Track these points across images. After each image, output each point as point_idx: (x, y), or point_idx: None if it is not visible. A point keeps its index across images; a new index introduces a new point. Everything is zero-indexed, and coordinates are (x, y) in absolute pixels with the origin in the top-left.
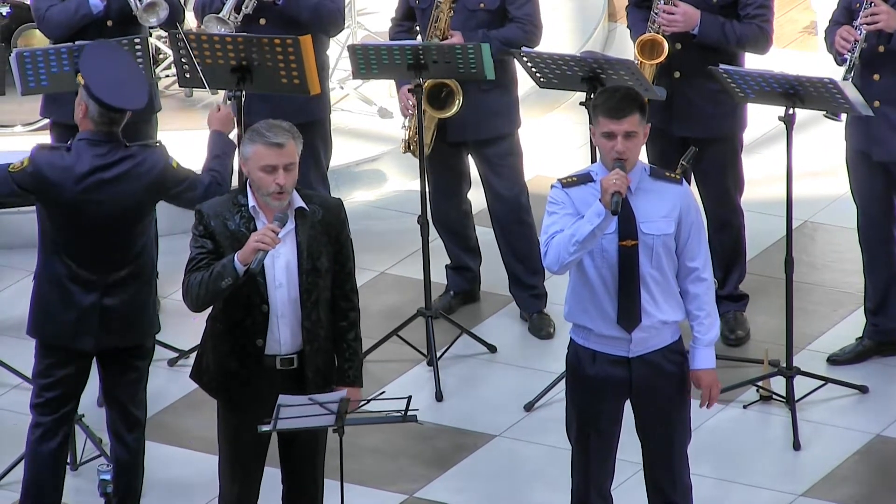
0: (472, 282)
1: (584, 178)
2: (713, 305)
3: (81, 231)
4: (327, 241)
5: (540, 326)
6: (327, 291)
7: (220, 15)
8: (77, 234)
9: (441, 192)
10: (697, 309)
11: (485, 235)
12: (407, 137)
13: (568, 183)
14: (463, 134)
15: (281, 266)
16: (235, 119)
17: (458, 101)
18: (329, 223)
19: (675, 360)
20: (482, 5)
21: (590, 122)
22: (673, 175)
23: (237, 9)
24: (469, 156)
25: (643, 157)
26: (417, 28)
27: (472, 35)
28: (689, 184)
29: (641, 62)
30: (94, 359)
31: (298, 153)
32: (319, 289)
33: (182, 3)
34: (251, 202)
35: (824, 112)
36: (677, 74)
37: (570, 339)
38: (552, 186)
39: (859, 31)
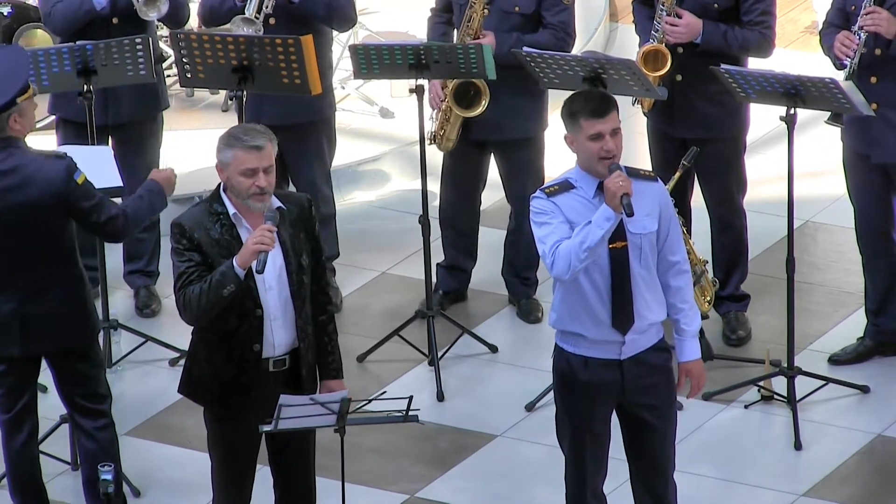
0: (463, 283)
1: (564, 186)
2: (693, 297)
3: None
4: (304, 237)
5: (528, 311)
6: (309, 288)
7: (248, 15)
8: None
9: (457, 192)
10: (681, 301)
11: (489, 235)
12: (434, 129)
13: (552, 192)
14: (487, 133)
15: (269, 268)
16: (239, 120)
17: (484, 101)
18: (304, 219)
19: (664, 357)
20: (517, 9)
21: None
22: (648, 173)
23: (258, 9)
24: (490, 155)
25: (645, 158)
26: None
27: (506, 37)
28: (692, 184)
29: (645, 73)
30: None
31: (275, 155)
32: (305, 286)
33: (187, 3)
34: (231, 209)
35: (826, 119)
36: (679, 77)
37: (558, 347)
38: (534, 197)
39: (858, 37)
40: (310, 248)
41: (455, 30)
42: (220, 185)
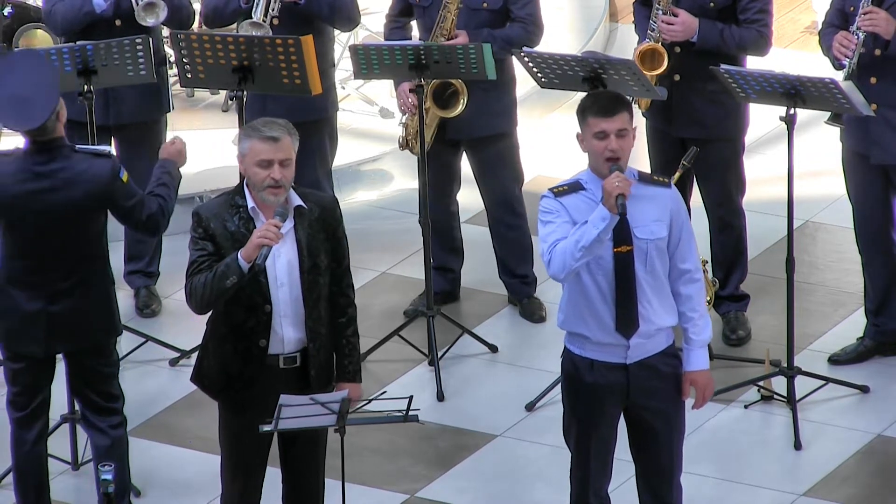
0: (452, 283)
1: (574, 187)
2: (704, 306)
3: (25, 237)
4: (324, 238)
5: (531, 311)
6: (326, 288)
7: (255, 19)
8: (21, 239)
9: (431, 191)
10: (691, 310)
11: (482, 235)
12: (404, 134)
13: (560, 192)
14: (461, 132)
15: (282, 265)
16: (240, 120)
17: (462, 101)
18: (325, 220)
19: (672, 363)
20: (485, 5)
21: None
22: (661, 178)
23: (265, 11)
24: (463, 154)
25: (644, 158)
26: (413, 24)
27: (477, 34)
28: (691, 184)
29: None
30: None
31: (295, 149)
32: (320, 286)
33: (190, 4)
34: (250, 203)
35: (826, 119)
36: (677, 77)
37: (566, 348)
38: (543, 197)
39: (857, 37)
40: (330, 250)
41: (416, 32)
42: (244, 178)
